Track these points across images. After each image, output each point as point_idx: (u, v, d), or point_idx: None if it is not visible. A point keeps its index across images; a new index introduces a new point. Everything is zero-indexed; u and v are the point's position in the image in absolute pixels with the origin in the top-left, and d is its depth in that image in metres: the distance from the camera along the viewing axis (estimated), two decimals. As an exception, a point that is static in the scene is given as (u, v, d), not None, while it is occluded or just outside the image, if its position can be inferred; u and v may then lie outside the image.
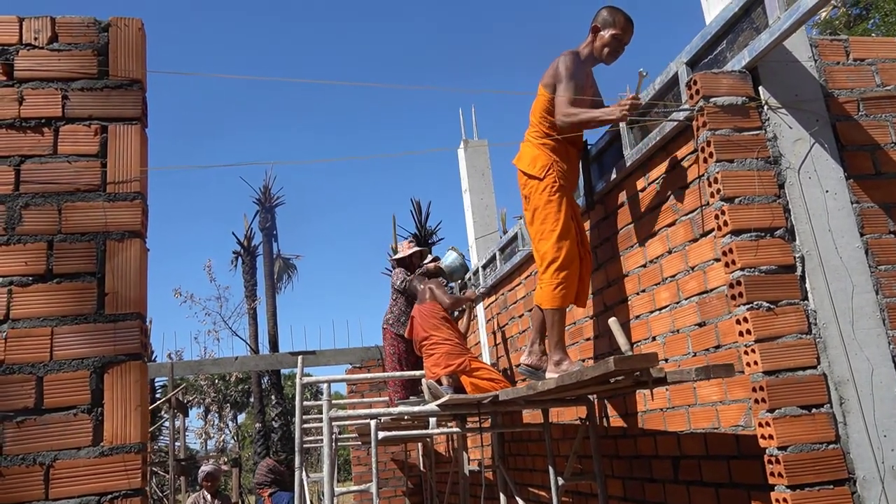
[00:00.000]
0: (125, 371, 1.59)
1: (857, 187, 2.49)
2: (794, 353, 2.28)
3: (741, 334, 2.35)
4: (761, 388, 2.26)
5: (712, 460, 2.80)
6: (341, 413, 4.60)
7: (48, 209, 1.65)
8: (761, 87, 2.53)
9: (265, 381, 22.05)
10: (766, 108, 2.51)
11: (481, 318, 6.01)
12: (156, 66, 1.79)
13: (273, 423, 21.63)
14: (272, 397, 22.06)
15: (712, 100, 2.51)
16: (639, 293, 3.32)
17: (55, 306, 1.60)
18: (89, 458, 1.53)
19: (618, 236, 3.51)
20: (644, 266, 3.26)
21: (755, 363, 2.29)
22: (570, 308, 3.55)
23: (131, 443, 1.56)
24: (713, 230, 2.66)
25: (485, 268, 5.86)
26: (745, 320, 2.32)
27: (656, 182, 3.12)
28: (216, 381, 28.04)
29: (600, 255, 3.71)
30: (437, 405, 4.08)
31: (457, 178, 7.03)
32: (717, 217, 2.45)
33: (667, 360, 3.07)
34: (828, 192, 2.45)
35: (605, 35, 3.31)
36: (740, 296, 2.34)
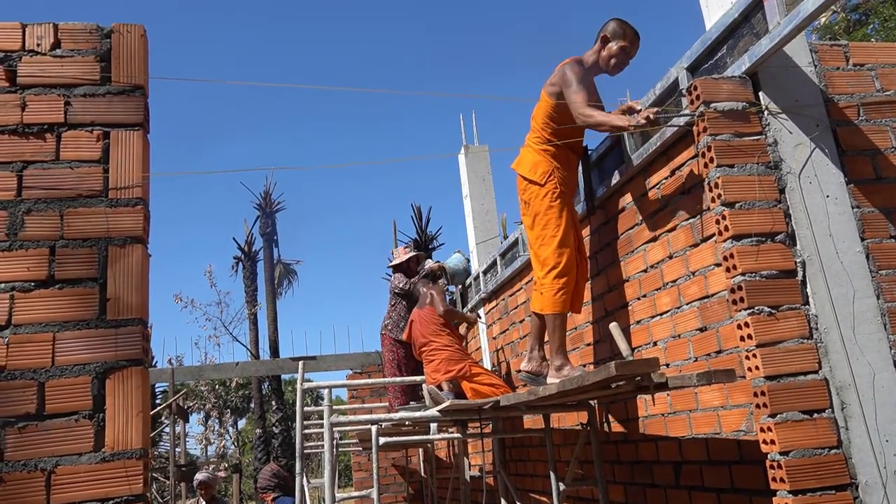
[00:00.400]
0: (127, 377, 1.59)
1: (858, 192, 2.50)
2: (795, 358, 2.28)
3: (742, 339, 2.35)
4: (763, 393, 2.25)
5: (714, 466, 2.79)
6: (342, 418, 4.59)
7: (50, 215, 1.66)
8: (761, 93, 2.54)
9: (266, 386, 22.03)
10: (766, 113, 2.51)
11: (482, 319, 6.01)
12: (157, 69, 1.79)
13: (273, 428, 21.60)
14: (273, 403, 22.04)
15: (713, 105, 2.51)
16: (640, 298, 3.32)
17: (57, 312, 1.60)
18: (91, 464, 1.53)
19: (618, 241, 3.51)
20: (645, 271, 3.26)
21: (756, 368, 2.28)
22: (569, 314, 3.55)
23: (133, 448, 1.56)
24: (714, 235, 2.67)
25: (485, 273, 5.86)
26: (747, 325, 2.32)
27: (657, 187, 3.12)
28: (216, 386, 28.04)
29: (601, 260, 3.71)
30: (438, 411, 4.08)
31: (458, 182, 7.04)
32: (717, 222, 2.45)
33: (668, 365, 3.07)
34: (828, 196, 2.46)
35: (613, 46, 3.32)
36: (741, 300, 2.34)
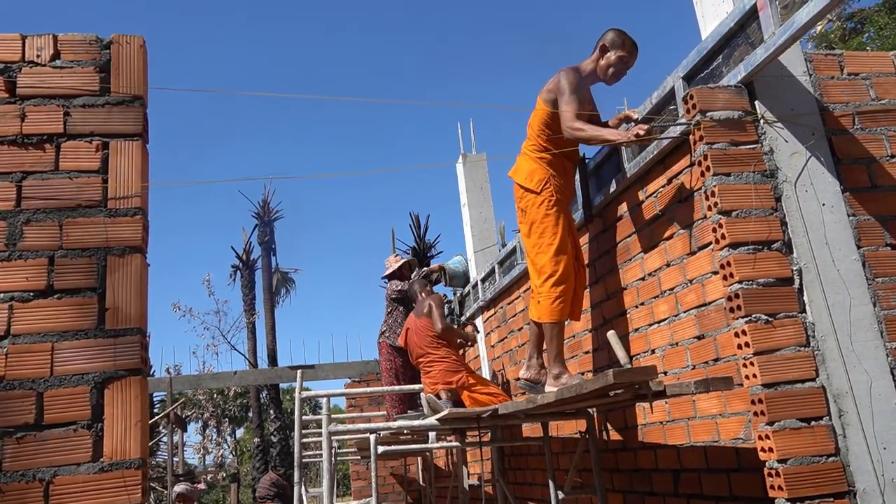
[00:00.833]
0: (125, 386, 1.59)
1: (854, 200, 2.51)
2: (792, 366, 2.29)
3: (740, 347, 2.36)
4: (760, 401, 2.26)
5: (712, 473, 2.79)
6: (340, 427, 4.59)
7: (49, 225, 1.66)
8: (757, 102, 2.55)
9: (264, 395, 21.95)
10: (762, 122, 2.53)
11: (480, 332, 6.01)
12: (156, 76, 1.80)
13: (272, 437, 21.53)
14: (271, 412, 21.97)
15: (709, 114, 2.53)
16: (637, 306, 3.32)
17: (56, 322, 1.60)
18: (89, 474, 1.53)
19: (616, 249, 3.52)
20: (643, 279, 3.27)
21: (754, 376, 2.29)
22: (567, 321, 3.56)
23: (131, 458, 1.56)
24: (711, 243, 2.68)
25: (484, 281, 5.86)
26: (744, 333, 2.32)
27: (654, 195, 3.13)
28: (215, 395, 27.93)
29: (599, 268, 3.72)
30: (437, 419, 4.07)
31: (456, 190, 7.05)
32: (714, 230, 2.46)
33: (666, 373, 3.07)
34: (824, 205, 2.47)
35: (611, 56, 3.33)
36: (738, 308, 2.35)
